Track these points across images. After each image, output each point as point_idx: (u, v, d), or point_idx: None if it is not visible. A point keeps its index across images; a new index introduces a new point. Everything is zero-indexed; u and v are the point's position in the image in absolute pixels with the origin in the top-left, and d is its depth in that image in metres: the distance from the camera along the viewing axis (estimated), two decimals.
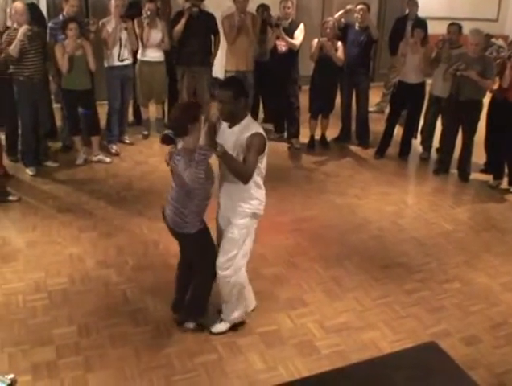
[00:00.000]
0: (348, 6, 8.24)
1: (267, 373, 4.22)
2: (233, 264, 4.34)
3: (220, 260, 4.33)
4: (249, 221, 4.32)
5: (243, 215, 4.26)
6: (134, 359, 4.30)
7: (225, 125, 4.23)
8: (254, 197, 4.25)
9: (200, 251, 4.37)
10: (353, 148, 8.67)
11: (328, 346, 4.50)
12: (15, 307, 4.83)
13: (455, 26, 7.70)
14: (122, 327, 4.61)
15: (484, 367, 4.36)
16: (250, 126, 4.13)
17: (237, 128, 4.14)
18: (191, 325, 4.61)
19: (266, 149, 4.16)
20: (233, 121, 4.14)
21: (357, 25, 8.10)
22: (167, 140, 4.09)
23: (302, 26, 8.15)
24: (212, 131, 3.98)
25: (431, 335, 4.64)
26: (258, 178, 4.22)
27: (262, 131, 4.14)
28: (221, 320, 4.60)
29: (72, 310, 4.80)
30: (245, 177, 4.06)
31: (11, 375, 3.33)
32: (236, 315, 4.58)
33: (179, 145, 4.11)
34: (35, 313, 4.77)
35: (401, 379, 3.74)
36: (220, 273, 4.34)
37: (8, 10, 7.06)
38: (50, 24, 7.53)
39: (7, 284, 5.14)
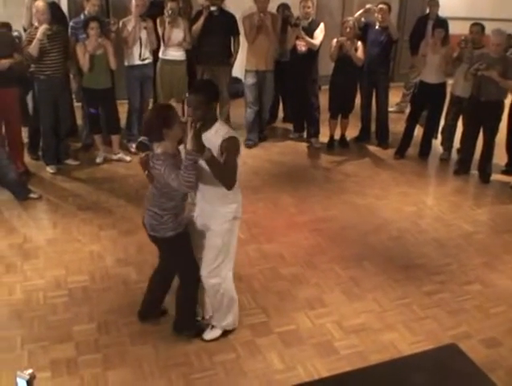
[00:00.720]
0: (368, 6, 8.20)
1: (286, 373, 4.22)
2: (220, 271, 4.24)
3: (206, 270, 4.22)
4: (231, 225, 4.19)
5: (223, 221, 4.14)
6: (153, 356, 4.32)
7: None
8: (233, 201, 4.15)
9: (180, 256, 4.25)
10: (373, 148, 8.64)
11: (347, 347, 4.49)
12: (36, 304, 4.87)
13: (478, 26, 7.63)
14: (142, 325, 4.62)
15: (504, 369, 4.32)
16: (222, 130, 3.97)
17: (208, 133, 3.90)
18: (191, 332, 4.54)
19: (241, 152, 4.07)
20: (204, 126, 3.86)
21: (377, 24, 8.06)
22: (141, 147, 4.02)
23: (322, 25, 8.13)
24: (200, 134, 3.73)
25: (450, 337, 4.60)
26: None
27: (235, 134, 4.00)
28: (213, 327, 4.52)
29: (91, 308, 4.84)
30: (230, 181, 3.94)
31: (30, 370, 3.34)
32: (228, 321, 4.49)
33: (159, 149, 3.93)
34: (56, 310, 4.81)
35: (421, 381, 3.71)
36: (208, 281, 4.25)
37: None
38: (71, 23, 7.57)
39: (28, 281, 5.18)
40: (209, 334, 4.51)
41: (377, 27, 8.07)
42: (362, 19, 8.22)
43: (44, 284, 5.14)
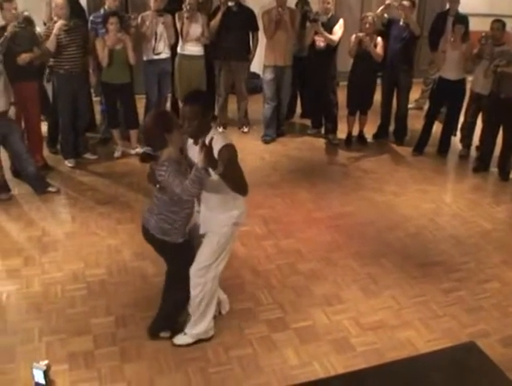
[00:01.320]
0: (388, 1, 8.14)
1: (302, 369, 4.21)
2: (207, 272, 4.19)
3: (195, 267, 4.18)
4: (230, 230, 4.15)
5: (223, 225, 4.11)
6: (169, 350, 4.33)
7: (190, 140, 4.03)
8: (234, 207, 4.11)
9: (183, 262, 4.22)
10: (391, 145, 8.59)
11: (364, 344, 4.48)
12: (54, 297, 4.91)
13: (499, 23, 7.54)
14: None
15: None
16: (219, 139, 3.87)
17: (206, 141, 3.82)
18: (167, 334, 4.46)
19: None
20: (200, 136, 3.83)
21: (401, 21, 7.98)
22: (146, 158, 3.95)
23: (341, 21, 8.08)
24: (211, 151, 3.66)
25: (468, 335, 4.58)
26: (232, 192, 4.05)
27: (229, 141, 3.93)
28: (185, 333, 4.43)
29: (109, 301, 4.86)
30: (243, 188, 3.95)
31: (46, 361, 3.38)
32: (198, 330, 4.39)
33: (163, 156, 3.89)
34: (74, 303, 4.84)
35: (439, 379, 3.70)
36: (193, 280, 4.20)
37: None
38: (91, 18, 7.60)
39: (46, 274, 5.22)
40: (180, 340, 4.41)
41: (401, 23, 7.98)
42: (385, 15, 8.15)
43: (62, 277, 5.18)
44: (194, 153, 3.90)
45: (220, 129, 8.57)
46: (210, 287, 4.25)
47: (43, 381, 3.65)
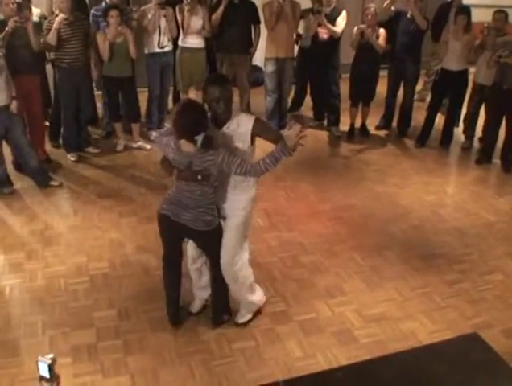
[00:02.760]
0: None
1: (305, 361, 4.22)
2: (239, 259, 4.26)
3: (226, 257, 4.22)
4: (247, 212, 4.22)
5: (244, 206, 4.17)
6: (172, 343, 4.34)
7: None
8: (253, 186, 4.19)
9: (219, 244, 4.23)
10: (394, 136, 8.57)
11: (367, 336, 4.48)
12: (57, 290, 4.92)
13: (501, 14, 7.51)
14: (162, 312, 4.63)
15: None
16: (243, 117, 3.99)
17: (231, 124, 3.96)
18: (227, 317, 4.57)
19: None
20: (228, 117, 3.94)
21: (408, 13, 7.93)
22: (207, 143, 3.85)
23: (344, 13, 8.05)
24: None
25: (471, 327, 4.58)
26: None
27: (254, 116, 4.05)
28: (243, 311, 4.55)
29: (112, 294, 4.87)
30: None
31: (51, 355, 3.38)
32: (255, 303, 4.54)
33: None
34: (77, 296, 4.85)
35: (442, 371, 3.69)
36: (228, 269, 4.24)
37: None
38: (92, 11, 7.57)
39: (49, 267, 5.23)
40: (241, 318, 4.55)
41: (408, 16, 7.94)
42: (392, 8, 8.10)
43: (65, 270, 5.19)
44: (229, 135, 3.98)
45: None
46: (246, 271, 4.36)
47: (47, 375, 3.65)
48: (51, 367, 3.45)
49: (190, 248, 4.47)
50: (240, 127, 3.95)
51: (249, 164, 3.84)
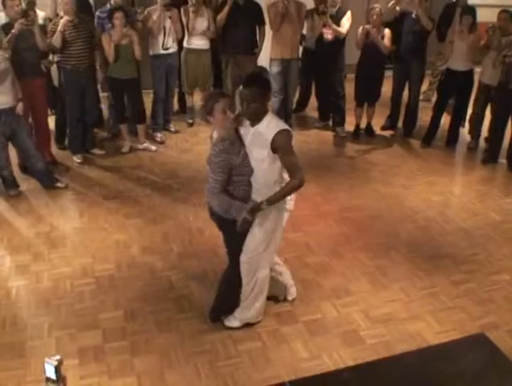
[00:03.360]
0: None
1: (311, 361, 4.22)
2: (259, 260, 4.26)
3: (247, 255, 4.25)
4: (276, 215, 4.20)
5: (269, 210, 4.12)
6: (179, 344, 4.34)
7: (247, 122, 4.07)
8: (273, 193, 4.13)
9: (240, 242, 4.26)
10: (399, 137, 8.55)
11: (374, 336, 4.47)
12: (63, 292, 4.93)
13: (506, 14, 7.48)
14: (168, 313, 4.65)
15: None
16: (274, 123, 3.99)
17: (259, 126, 3.99)
18: (223, 318, 4.57)
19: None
20: (258, 119, 3.98)
21: (413, 14, 7.91)
22: None
23: (349, 13, 8.05)
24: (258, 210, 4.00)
25: (478, 327, 4.56)
26: (279, 177, 4.15)
27: (285, 126, 4.01)
28: (235, 317, 4.52)
29: (118, 296, 4.87)
30: (298, 182, 4.02)
31: (57, 357, 3.39)
32: (249, 315, 4.49)
33: (217, 136, 4.04)
34: (83, 297, 4.85)
35: (449, 371, 3.68)
36: (244, 267, 4.28)
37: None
38: (97, 13, 7.59)
39: (55, 269, 5.24)
40: (230, 322, 4.51)
41: (413, 16, 7.91)
42: (397, 8, 8.08)
43: (71, 272, 5.19)
44: (247, 133, 4.05)
45: None
46: (263, 275, 4.33)
47: (54, 376, 3.65)
48: (57, 369, 3.45)
49: None
50: (266, 132, 3.94)
51: (217, 188, 3.99)
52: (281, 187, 4.08)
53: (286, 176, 4.14)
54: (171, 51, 7.88)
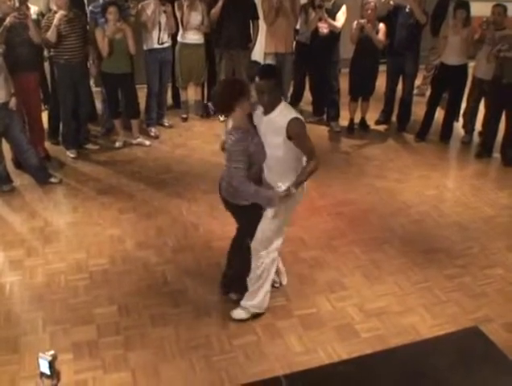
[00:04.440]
0: None
1: (306, 356, 4.22)
2: (269, 245, 4.35)
3: (258, 241, 4.34)
4: (288, 205, 4.26)
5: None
6: (173, 338, 4.34)
7: (260, 110, 4.19)
8: (289, 179, 4.20)
9: (251, 228, 4.36)
10: (393, 131, 8.55)
11: (368, 330, 4.48)
12: (57, 287, 4.92)
13: (500, 8, 7.48)
14: (162, 308, 4.66)
15: None
16: (286, 111, 4.11)
17: (272, 114, 4.11)
18: (235, 297, 4.67)
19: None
20: (272, 108, 4.10)
21: (407, 8, 7.90)
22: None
23: (344, 7, 8.02)
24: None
25: (472, 321, 4.58)
26: (295, 163, 4.23)
27: (298, 115, 4.12)
28: (242, 308, 4.57)
29: (112, 290, 4.87)
30: (315, 166, 4.13)
31: (52, 352, 3.38)
32: (254, 302, 4.52)
33: (232, 123, 4.13)
34: (77, 292, 4.85)
35: (443, 364, 3.70)
36: (257, 252, 4.36)
37: None
38: (90, 8, 7.56)
39: (49, 264, 5.23)
40: (236, 314, 4.57)
41: (406, 10, 7.91)
42: (391, 2, 8.07)
43: (65, 267, 5.18)
44: (260, 121, 4.19)
45: (222, 118, 8.59)
46: (271, 259, 4.40)
47: (48, 371, 3.65)
48: (51, 364, 3.44)
49: None
50: (280, 120, 4.07)
51: (242, 176, 4.06)
52: (301, 171, 4.18)
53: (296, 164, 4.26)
54: (165, 45, 7.86)
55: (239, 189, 4.12)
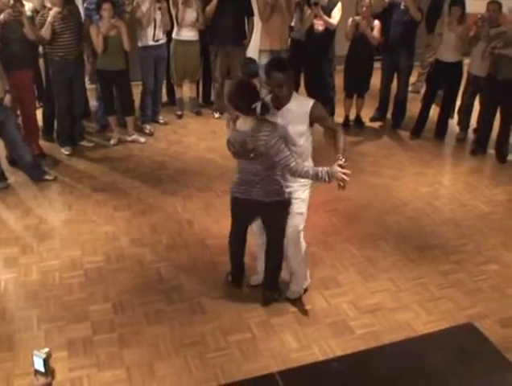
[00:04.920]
0: None
1: (301, 352, 4.23)
2: (301, 233, 4.53)
3: (295, 231, 4.47)
4: (308, 193, 4.53)
5: (304, 189, 4.46)
6: (168, 336, 4.34)
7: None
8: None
9: (284, 217, 4.44)
10: (388, 128, 8.55)
11: (362, 327, 4.49)
12: (52, 284, 4.91)
13: (495, 5, 7.48)
14: (157, 305, 4.65)
15: None
16: (302, 99, 4.34)
17: (290, 104, 4.21)
18: (276, 295, 4.74)
19: None
20: (288, 99, 4.21)
21: (402, 4, 7.90)
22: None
23: (339, 5, 8.01)
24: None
25: (466, 317, 4.58)
26: (310, 150, 4.49)
27: (312, 99, 4.33)
28: (293, 290, 4.76)
29: (107, 288, 4.86)
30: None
31: (46, 349, 3.38)
32: (306, 283, 4.77)
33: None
34: (71, 290, 4.84)
35: (437, 360, 3.70)
36: (295, 243, 4.51)
37: None
38: (85, 4, 7.54)
39: (44, 261, 5.22)
40: (292, 294, 4.76)
41: (401, 7, 7.90)
42: None
43: (60, 264, 5.17)
44: (274, 117, 4.20)
45: (217, 115, 8.59)
46: (303, 247, 4.62)
47: (42, 368, 3.65)
48: (46, 361, 3.44)
49: (255, 224, 4.63)
50: (300, 107, 4.20)
51: (295, 161, 4.07)
52: (336, 140, 4.41)
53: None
54: (160, 42, 7.84)
55: (299, 176, 4.16)
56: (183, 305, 4.66)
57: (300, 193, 4.44)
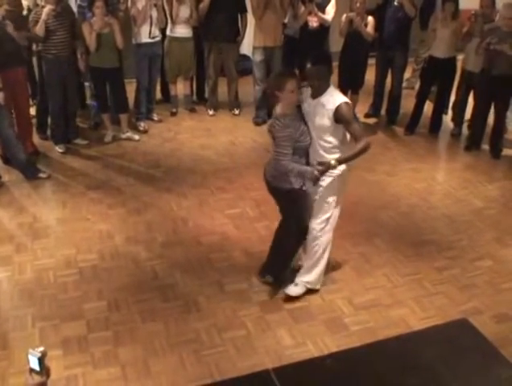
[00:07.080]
0: None
1: (296, 349, 4.23)
2: (326, 225, 4.56)
3: (316, 221, 4.53)
4: (340, 184, 4.52)
5: (331, 178, 4.41)
6: (163, 333, 4.34)
7: (307, 95, 4.36)
8: (343, 153, 4.39)
9: (298, 211, 4.53)
10: (383, 124, 8.55)
11: (357, 323, 4.49)
12: (46, 283, 4.90)
13: (488, 0, 7.50)
14: (152, 302, 4.65)
15: None
16: (335, 95, 4.29)
17: (322, 98, 4.27)
18: (271, 279, 4.80)
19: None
20: (321, 92, 4.28)
21: (396, 1, 7.89)
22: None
23: (333, 1, 8.01)
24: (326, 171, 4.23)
25: (461, 313, 4.60)
26: (339, 146, 4.39)
27: (346, 99, 4.31)
28: (296, 284, 4.71)
29: (102, 286, 4.86)
30: (366, 144, 4.27)
31: (41, 348, 3.37)
32: (311, 278, 4.69)
33: (278, 110, 4.33)
34: (66, 288, 4.83)
35: (432, 356, 3.71)
36: (314, 231, 4.54)
37: None
38: (78, 2, 7.53)
39: (38, 260, 5.21)
40: (293, 290, 4.69)
41: (395, 3, 7.90)
42: None
43: (54, 263, 5.16)
44: (309, 105, 4.34)
45: (211, 112, 8.57)
46: (326, 239, 4.62)
47: (37, 367, 3.64)
48: (41, 360, 3.43)
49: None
50: (328, 104, 4.24)
51: (287, 160, 4.22)
52: (352, 149, 4.35)
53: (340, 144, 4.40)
54: (156, 39, 7.83)
55: (284, 172, 4.28)
56: (177, 303, 4.66)
57: (326, 181, 4.43)
